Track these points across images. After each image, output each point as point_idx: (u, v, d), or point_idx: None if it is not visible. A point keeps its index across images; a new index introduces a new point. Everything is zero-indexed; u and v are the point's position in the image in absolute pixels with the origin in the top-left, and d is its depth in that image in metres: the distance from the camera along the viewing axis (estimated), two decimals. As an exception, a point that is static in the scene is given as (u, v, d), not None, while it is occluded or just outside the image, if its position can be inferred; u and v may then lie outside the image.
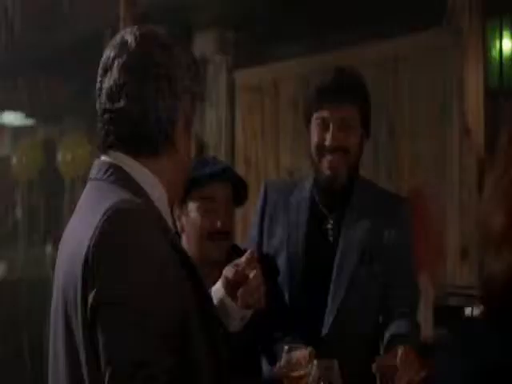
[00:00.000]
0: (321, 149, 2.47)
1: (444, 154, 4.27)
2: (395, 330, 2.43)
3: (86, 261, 1.49)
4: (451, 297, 3.61)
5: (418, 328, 2.53)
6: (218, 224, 2.36)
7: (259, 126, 5.59)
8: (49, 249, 7.20)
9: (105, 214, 1.51)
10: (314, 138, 2.48)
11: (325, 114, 2.46)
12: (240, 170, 5.18)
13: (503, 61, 3.83)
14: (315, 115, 2.49)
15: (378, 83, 4.21)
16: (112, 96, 1.61)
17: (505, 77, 3.82)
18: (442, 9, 4.18)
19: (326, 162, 2.46)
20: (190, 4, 5.45)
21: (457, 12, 4.09)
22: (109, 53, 1.64)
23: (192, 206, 2.39)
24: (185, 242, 2.39)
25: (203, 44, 5.75)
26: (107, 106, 1.62)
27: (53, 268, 1.65)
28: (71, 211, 1.72)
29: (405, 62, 4.58)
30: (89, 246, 1.49)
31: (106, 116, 1.62)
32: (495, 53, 3.83)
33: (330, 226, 2.55)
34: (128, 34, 1.64)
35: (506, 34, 3.81)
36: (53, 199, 7.87)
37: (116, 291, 1.47)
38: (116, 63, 1.61)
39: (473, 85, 4.07)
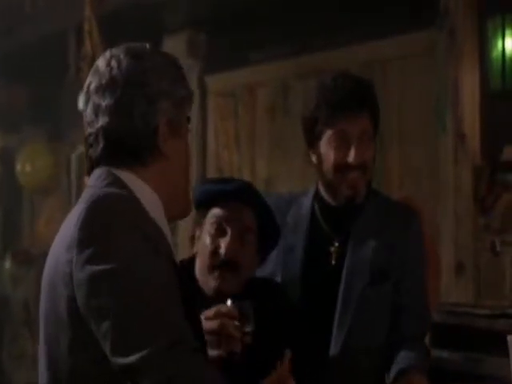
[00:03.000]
0: (342, 167, 2.24)
1: (437, 161, 4.06)
2: (407, 357, 2.25)
3: (70, 245, 1.48)
4: (446, 315, 3.37)
5: (428, 353, 2.35)
6: (221, 252, 2.05)
7: (233, 133, 5.39)
8: (7, 264, 6.98)
9: (87, 201, 1.52)
10: (331, 157, 2.24)
11: (344, 128, 2.23)
12: (212, 179, 4.95)
13: (506, 61, 3.61)
14: (329, 131, 2.24)
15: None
16: (91, 120, 1.62)
17: (507, 78, 3.60)
18: (434, 8, 3.97)
19: (348, 180, 2.24)
20: (160, 4, 5.24)
21: (450, 11, 3.89)
22: (86, 83, 1.66)
23: (204, 229, 2.10)
24: (197, 267, 2.11)
25: (173, 47, 5.51)
26: (88, 131, 1.63)
27: (12, 284, 1.43)
28: (30, 224, 1.51)
29: (393, 64, 4.39)
30: (73, 232, 1.48)
31: (89, 141, 1.63)
32: (497, 53, 3.61)
33: (333, 248, 2.33)
34: (100, 59, 1.66)
35: (508, 33, 3.59)
36: (11, 211, 7.55)
37: (109, 266, 1.43)
38: (91, 89, 1.63)
39: (468, 88, 3.86)
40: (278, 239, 2.23)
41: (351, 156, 2.21)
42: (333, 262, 2.31)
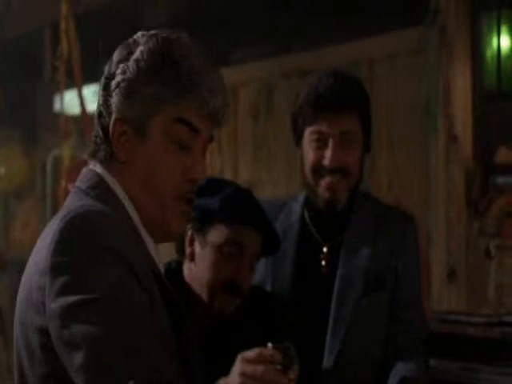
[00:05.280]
0: (318, 169, 2.15)
1: (427, 164, 3.92)
2: (406, 369, 2.17)
3: (43, 270, 1.34)
4: (440, 323, 3.26)
5: (427, 365, 2.27)
6: (239, 279, 1.95)
7: (215, 135, 5.21)
8: (-20, 271, 6.74)
9: (62, 220, 1.37)
10: (310, 157, 2.16)
11: (322, 127, 2.13)
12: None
13: (501, 60, 3.50)
14: (309, 129, 2.16)
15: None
16: None
17: (503, 78, 3.49)
18: (424, 5, 3.86)
19: (324, 183, 2.15)
20: (138, 3, 5.11)
21: (442, 8, 3.77)
22: None
23: (213, 241, 1.96)
24: (189, 272, 1.98)
25: (152, 47, 5.39)
26: None
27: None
28: (5, 228, 1.35)
29: (382, 63, 4.27)
30: (46, 255, 1.35)
31: None
32: (492, 52, 3.50)
33: (323, 256, 2.23)
34: None
35: (504, 30, 3.48)
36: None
37: (83, 297, 1.29)
38: None
39: (460, 87, 3.74)
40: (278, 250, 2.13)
41: (326, 158, 2.13)
42: (323, 271, 2.21)
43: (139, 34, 1.50)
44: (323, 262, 2.22)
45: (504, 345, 2.98)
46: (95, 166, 1.49)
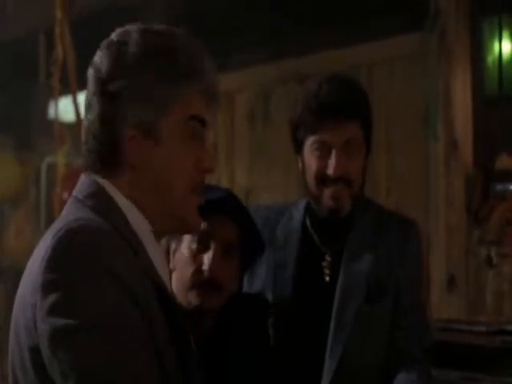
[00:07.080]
0: (322, 178, 2.09)
1: (427, 170, 3.90)
2: (408, 381, 2.11)
3: (35, 287, 1.31)
4: (440, 332, 3.21)
5: (430, 375, 2.21)
6: (205, 271, 1.88)
7: (211, 142, 5.17)
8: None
9: (55, 235, 1.33)
10: (312, 166, 2.10)
11: (325, 136, 2.07)
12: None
13: (502, 66, 3.46)
14: (311, 138, 2.09)
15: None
16: None
17: (504, 83, 3.45)
18: (424, 9, 3.82)
19: (328, 192, 2.09)
20: (134, 7, 5.07)
21: (441, 12, 3.74)
22: None
23: (184, 243, 1.92)
24: (174, 284, 1.92)
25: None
26: None
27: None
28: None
29: (381, 68, 4.25)
30: (38, 272, 1.32)
31: None
32: (493, 57, 3.46)
33: (325, 264, 2.18)
34: None
35: (505, 35, 3.44)
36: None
37: (72, 321, 1.26)
38: None
39: (460, 92, 3.71)
40: (263, 251, 2.07)
41: (330, 168, 2.07)
42: (326, 279, 2.16)
43: (121, 31, 1.46)
44: (327, 271, 2.17)
45: (504, 354, 2.94)
46: (93, 175, 1.44)
